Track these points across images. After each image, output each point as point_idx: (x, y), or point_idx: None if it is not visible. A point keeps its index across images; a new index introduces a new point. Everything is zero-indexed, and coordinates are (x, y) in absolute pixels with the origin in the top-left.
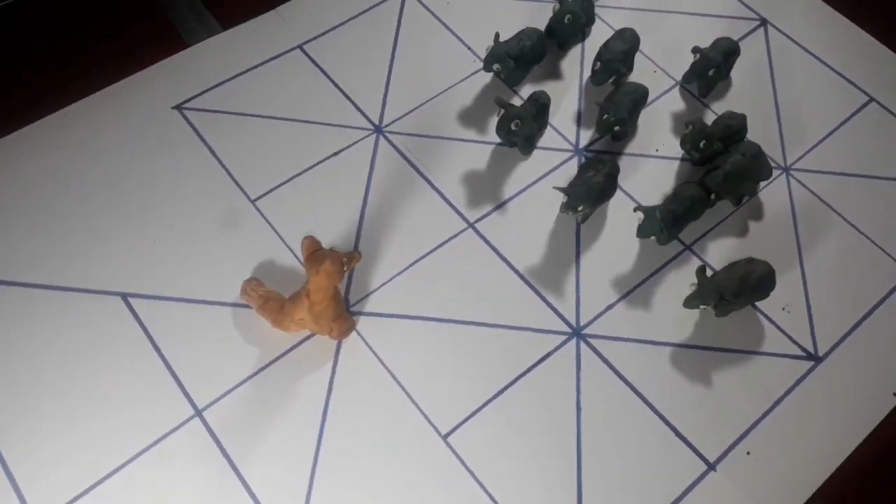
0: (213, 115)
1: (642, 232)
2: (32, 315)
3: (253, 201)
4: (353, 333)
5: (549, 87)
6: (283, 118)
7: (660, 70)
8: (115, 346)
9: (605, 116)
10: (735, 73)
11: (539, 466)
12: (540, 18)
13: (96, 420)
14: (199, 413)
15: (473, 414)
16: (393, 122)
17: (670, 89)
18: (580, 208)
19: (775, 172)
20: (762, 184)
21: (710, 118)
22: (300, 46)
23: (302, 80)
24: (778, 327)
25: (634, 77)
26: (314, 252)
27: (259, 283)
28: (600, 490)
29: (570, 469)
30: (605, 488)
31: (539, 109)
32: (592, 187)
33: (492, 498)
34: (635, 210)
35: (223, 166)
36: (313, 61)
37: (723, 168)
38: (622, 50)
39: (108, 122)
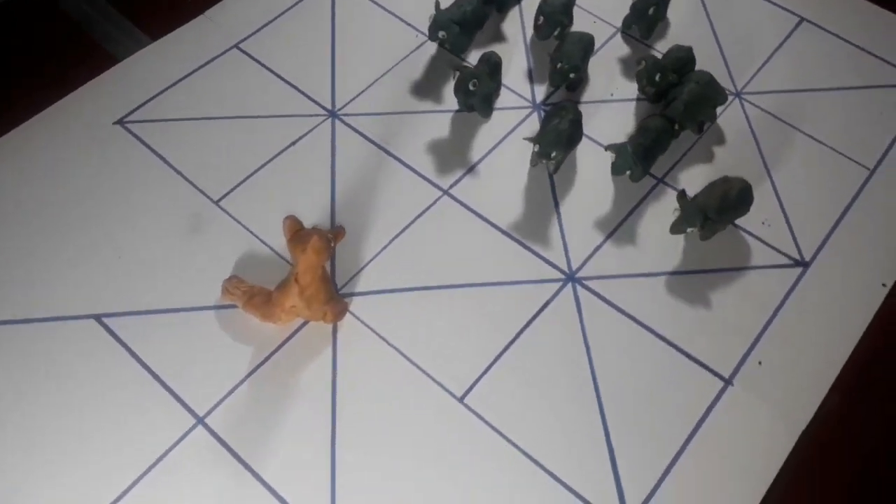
0: (158, 124)
1: (616, 169)
2: (2, 354)
3: (216, 202)
4: (347, 315)
5: (496, 49)
6: (232, 117)
7: (599, 20)
8: (98, 371)
9: (560, 65)
10: (671, 13)
11: (561, 412)
12: None
13: (93, 451)
14: (200, 421)
15: (485, 372)
16: (346, 104)
17: (613, 36)
18: (553, 155)
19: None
20: (719, 110)
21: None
22: (236, 46)
23: (244, 77)
24: (762, 241)
25: (575, 29)
26: (297, 231)
27: (240, 280)
28: (626, 424)
29: (592, 409)
30: (630, 422)
31: (492, 69)
32: (561, 133)
33: (521, 450)
34: (606, 148)
35: (179, 173)
36: (253, 58)
37: (681, 98)
38: (562, 2)
39: (47, 148)
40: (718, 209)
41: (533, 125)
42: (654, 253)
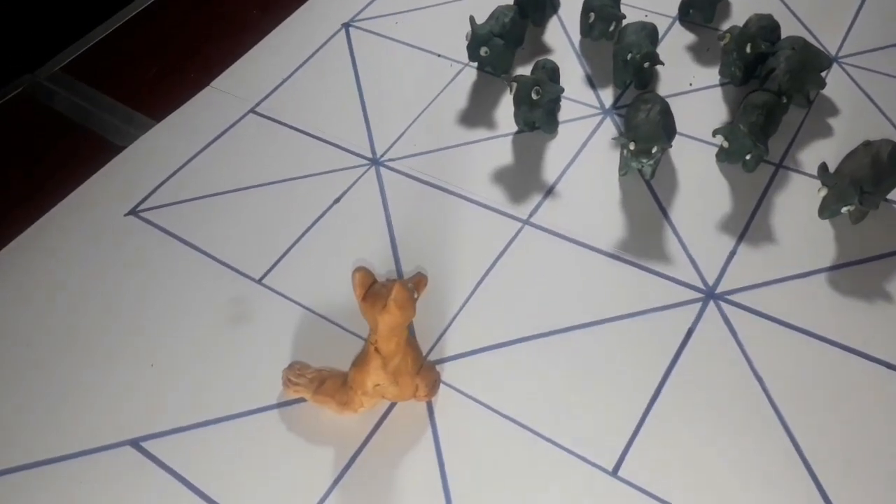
0: (175, 207)
1: (731, 156)
2: (37, 500)
3: (259, 281)
4: (442, 387)
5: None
6: (259, 185)
7: (650, 13)
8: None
9: (630, 56)
10: None
11: (747, 465)
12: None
13: None
14: None
15: (636, 432)
16: (388, 149)
17: (671, 26)
18: (654, 150)
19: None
20: (823, 74)
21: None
22: (252, 111)
23: (267, 142)
24: None
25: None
26: (371, 287)
27: (304, 366)
28: (839, 462)
29: (784, 451)
30: (842, 460)
31: (550, 73)
32: (656, 123)
33: None
34: (715, 133)
35: (209, 256)
36: (273, 120)
37: (780, 68)
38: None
39: (56, 252)
40: (874, 178)
41: (608, 132)
42: (801, 248)
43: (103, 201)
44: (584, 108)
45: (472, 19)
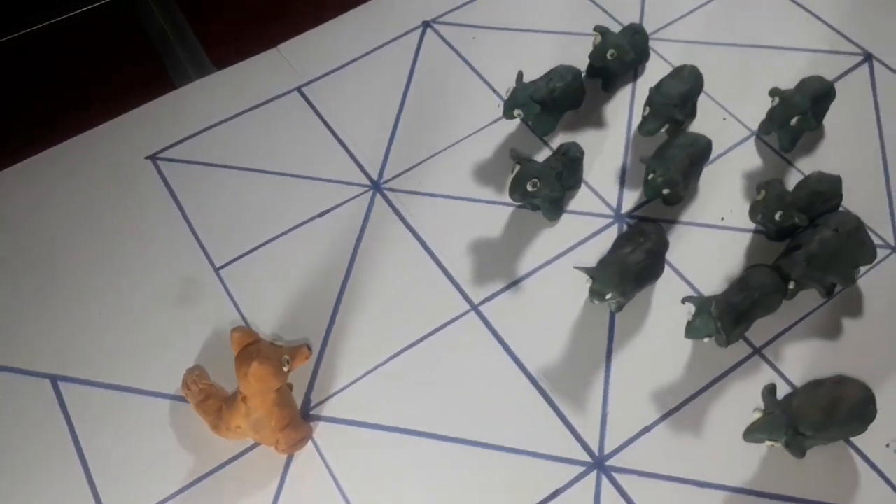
0: (188, 166)
1: (692, 331)
2: None
3: (217, 269)
4: (309, 445)
5: (589, 137)
6: (267, 171)
7: (730, 116)
8: (32, 439)
9: (652, 175)
10: (829, 122)
11: None
12: (580, 55)
13: None
14: None
15: None
16: (395, 177)
17: (743, 141)
18: (608, 296)
19: (881, 253)
20: (862, 269)
21: (793, 180)
22: (298, 89)
23: (295, 126)
24: (880, 473)
25: (698, 125)
26: (246, 347)
27: (202, 375)
28: None
29: None
30: None
31: (568, 164)
32: (628, 269)
33: None
34: (684, 301)
35: (190, 227)
36: (311, 105)
37: (806, 248)
38: (679, 92)
39: (71, 175)
40: (818, 424)
41: (608, 240)
42: (723, 456)
43: (134, 138)
44: (599, 203)
45: (519, 76)
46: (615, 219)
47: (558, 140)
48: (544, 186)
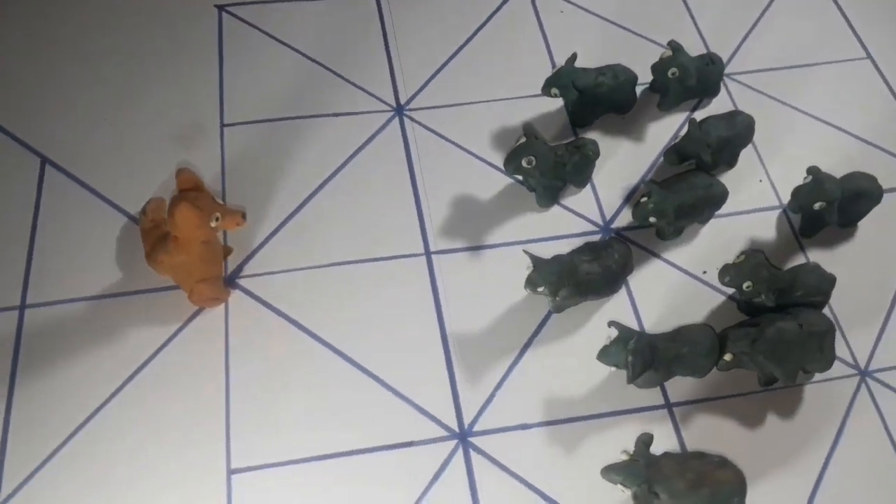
0: (246, 28)
1: (604, 355)
2: None
3: (223, 126)
4: (220, 308)
5: (618, 145)
6: (309, 57)
7: (767, 180)
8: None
9: (644, 200)
10: (865, 227)
11: None
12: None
13: None
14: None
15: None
16: (420, 108)
17: (768, 209)
18: (541, 289)
19: (847, 371)
20: (818, 376)
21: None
22: None
23: (353, 25)
24: None
25: (732, 176)
26: (187, 190)
27: (161, 207)
28: None
29: None
30: None
31: (578, 160)
32: (572, 273)
33: None
34: (609, 325)
35: (221, 81)
36: (380, 15)
37: (761, 328)
38: (720, 136)
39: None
40: (674, 490)
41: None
42: (581, 482)
43: None
44: (594, 209)
45: (571, 58)
46: (600, 230)
47: (593, 136)
48: (539, 169)
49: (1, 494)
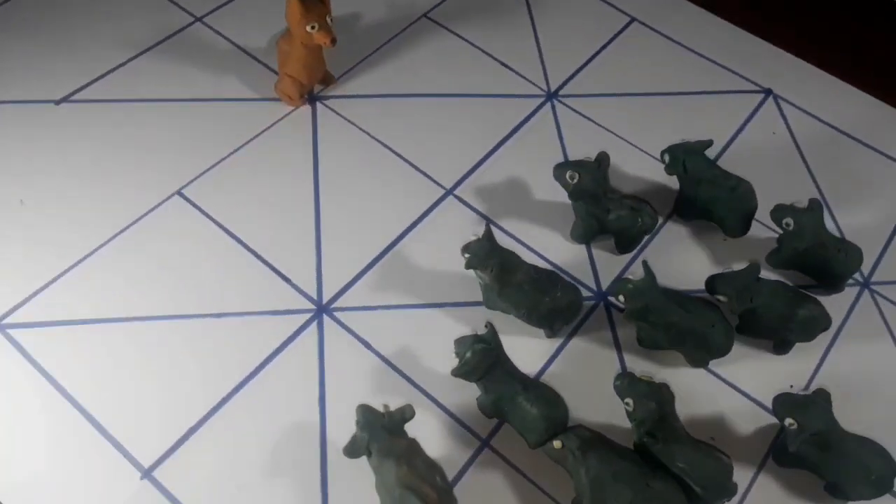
0: None
1: (459, 344)
2: None
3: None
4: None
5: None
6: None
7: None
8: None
9: (631, 287)
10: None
11: None
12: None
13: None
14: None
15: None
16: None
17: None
18: (477, 274)
19: None
20: None
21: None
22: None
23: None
24: None
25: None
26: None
27: None
28: None
29: None
30: None
31: (623, 218)
32: (518, 280)
33: None
34: (456, 342)
35: None
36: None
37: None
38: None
39: None
40: None
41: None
42: None
43: None
44: (610, 266)
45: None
46: (597, 298)
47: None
48: (577, 188)
49: None
